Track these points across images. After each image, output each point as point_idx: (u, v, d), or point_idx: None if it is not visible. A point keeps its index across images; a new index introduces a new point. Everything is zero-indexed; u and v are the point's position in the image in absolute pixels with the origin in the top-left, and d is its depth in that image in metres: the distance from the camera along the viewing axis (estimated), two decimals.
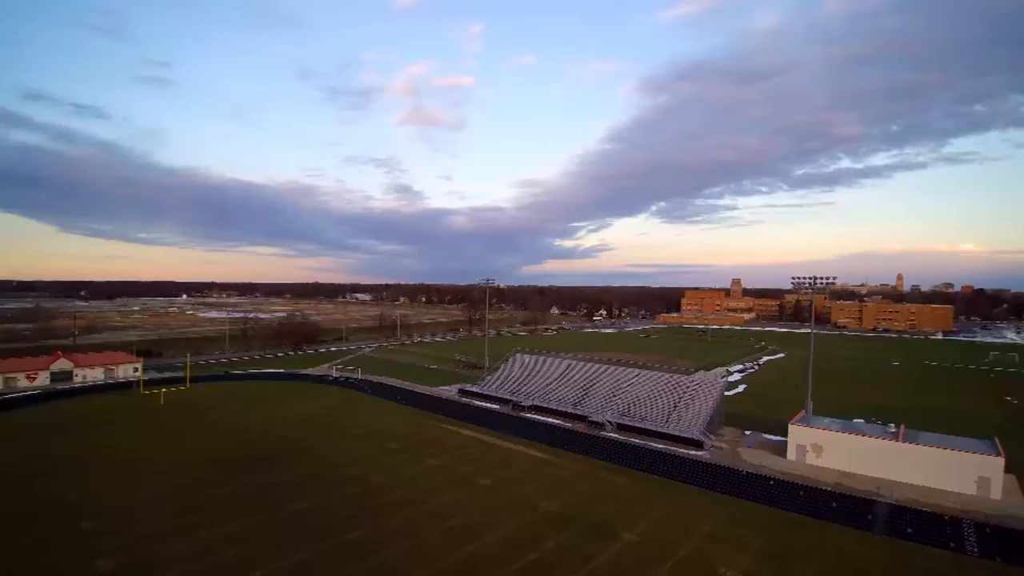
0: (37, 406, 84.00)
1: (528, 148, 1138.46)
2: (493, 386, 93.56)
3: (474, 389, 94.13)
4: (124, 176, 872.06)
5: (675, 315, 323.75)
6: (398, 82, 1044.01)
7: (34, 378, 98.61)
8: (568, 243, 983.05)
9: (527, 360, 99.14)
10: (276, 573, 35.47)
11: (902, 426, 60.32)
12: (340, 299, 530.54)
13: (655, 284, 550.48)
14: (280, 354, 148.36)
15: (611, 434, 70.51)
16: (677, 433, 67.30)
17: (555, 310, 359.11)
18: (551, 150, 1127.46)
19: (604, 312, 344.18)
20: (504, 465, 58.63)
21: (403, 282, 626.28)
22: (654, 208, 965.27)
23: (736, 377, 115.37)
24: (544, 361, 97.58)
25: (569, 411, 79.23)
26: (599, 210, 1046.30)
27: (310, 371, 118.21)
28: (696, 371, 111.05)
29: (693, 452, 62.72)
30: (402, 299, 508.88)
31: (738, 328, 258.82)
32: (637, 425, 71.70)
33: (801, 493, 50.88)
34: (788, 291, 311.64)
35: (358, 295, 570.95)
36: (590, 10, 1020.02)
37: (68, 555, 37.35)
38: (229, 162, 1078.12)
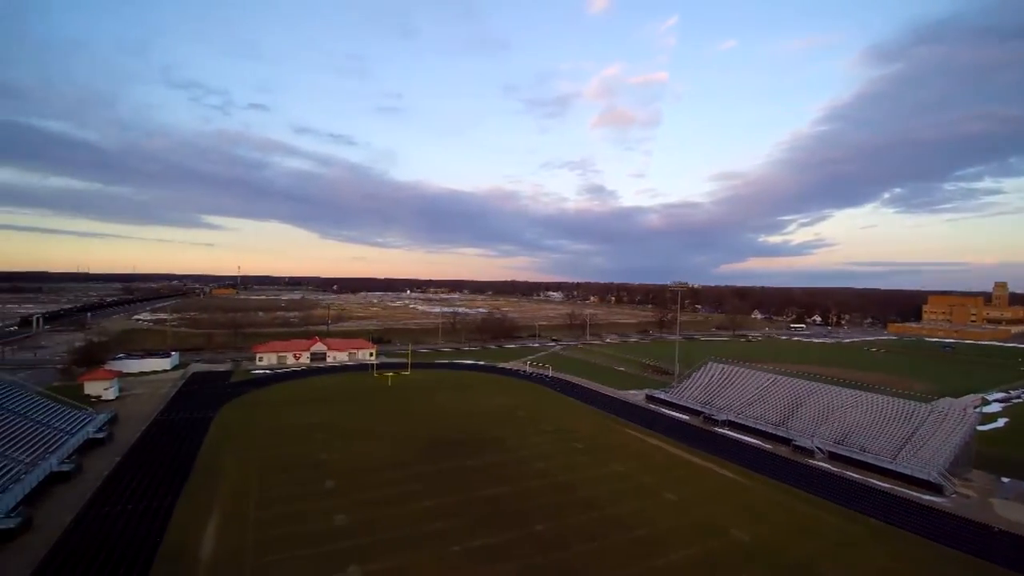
0: (301, 380, 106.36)
1: (726, 139, 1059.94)
2: (683, 395, 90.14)
3: (662, 396, 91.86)
4: (367, 191, 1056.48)
5: (913, 325, 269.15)
6: (592, 86, 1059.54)
7: (299, 357, 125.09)
8: (775, 239, 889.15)
9: (722, 369, 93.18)
10: (473, 551, 39.82)
11: None
12: (534, 297, 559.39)
13: (885, 286, 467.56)
14: (482, 347, 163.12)
15: (820, 463, 62.89)
16: (908, 472, 57.11)
17: (757, 314, 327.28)
18: (753, 139, 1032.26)
19: (818, 318, 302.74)
20: (692, 481, 56.42)
21: (593, 281, 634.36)
22: (886, 196, 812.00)
23: (995, 408, 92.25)
24: (742, 372, 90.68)
25: (770, 431, 72.67)
26: (813, 201, 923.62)
27: (506, 365, 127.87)
28: (939, 397, 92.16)
29: (928, 497, 52.68)
30: (592, 298, 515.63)
31: (1002, 345, 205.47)
32: (856, 456, 62.67)
33: None
34: None
35: (551, 293, 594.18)
36: None
37: (315, 507, 46.77)
38: (445, 174, 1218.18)
